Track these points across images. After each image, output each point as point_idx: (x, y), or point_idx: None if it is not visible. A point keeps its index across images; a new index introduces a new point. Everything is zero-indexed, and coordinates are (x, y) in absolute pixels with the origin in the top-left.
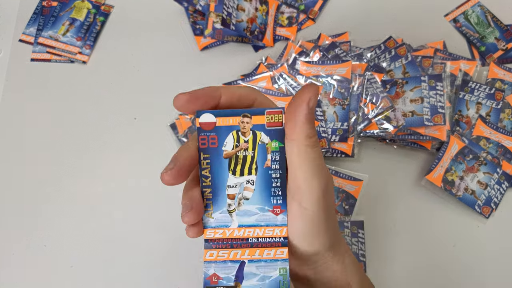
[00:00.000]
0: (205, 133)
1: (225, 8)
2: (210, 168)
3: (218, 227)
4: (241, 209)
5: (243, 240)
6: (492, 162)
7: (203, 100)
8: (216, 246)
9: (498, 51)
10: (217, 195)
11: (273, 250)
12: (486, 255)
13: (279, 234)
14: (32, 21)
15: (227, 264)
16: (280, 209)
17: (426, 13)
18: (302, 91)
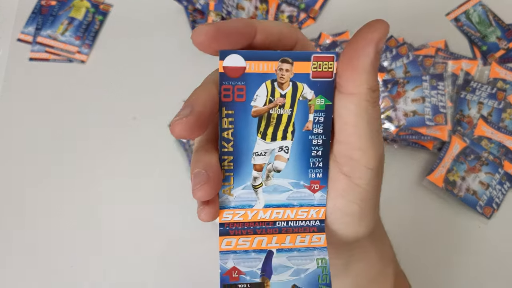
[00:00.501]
0: (230, 81)
1: (224, 7)
2: (233, 129)
3: (238, 207)
4: (269, 184)
5: (269, 224)
6: (494, 162)
7: (233, 38)
8: (235, 232)
9: (500, 50)
10: (240, 165)
11: (308, 236)
12: (488, 255)
13: (315, 217)
14: (31, 20)
15: (250, 254)
16: (319, 184)
17: (427, 12)
18: (368, 28)
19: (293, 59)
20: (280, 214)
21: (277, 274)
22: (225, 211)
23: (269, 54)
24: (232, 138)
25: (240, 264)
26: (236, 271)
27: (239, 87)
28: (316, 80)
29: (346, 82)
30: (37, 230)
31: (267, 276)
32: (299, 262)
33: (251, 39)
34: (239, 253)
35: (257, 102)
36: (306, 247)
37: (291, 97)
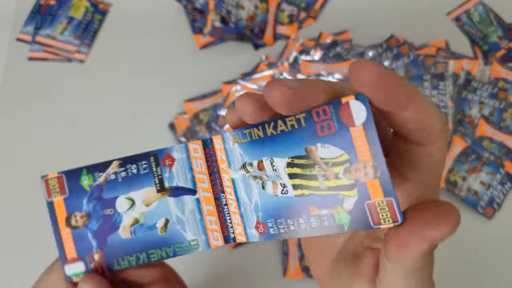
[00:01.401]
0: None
1: (224, 6)
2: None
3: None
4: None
5: (213, 191)
6: (495, 162)
7: (308, 102)
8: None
9: (501, 50)
10: None
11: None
12: (489, 256)
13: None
14: (30, 20)
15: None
16: None
17: (428, 12)
18: (426, 222)
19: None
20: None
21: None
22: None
23: None
24: None
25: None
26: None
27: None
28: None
29: (393, 253)
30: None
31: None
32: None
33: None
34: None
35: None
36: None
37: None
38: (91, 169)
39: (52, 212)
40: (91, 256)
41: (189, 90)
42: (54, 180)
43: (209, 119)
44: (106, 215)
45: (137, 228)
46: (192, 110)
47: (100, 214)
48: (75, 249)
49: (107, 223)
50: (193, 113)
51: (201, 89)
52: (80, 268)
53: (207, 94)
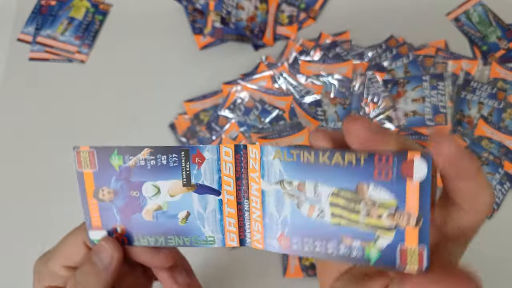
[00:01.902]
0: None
1: (224, 7)
2: None
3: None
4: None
5: (237, 196)
6: (494, 162)
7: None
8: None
9: (500, 50)
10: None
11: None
12: (488, 255)
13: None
14: (31, 20)
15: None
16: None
17: (427, 12)
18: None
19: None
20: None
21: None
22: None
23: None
24: None
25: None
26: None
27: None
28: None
29: None
30: (37, 230)
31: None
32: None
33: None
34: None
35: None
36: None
37: None
38: (122, 151)
39: (81, 182)
40: (115, 228)
41: (189, 91)
42: (86, 153)
43: (209, 119)
44: (132, 196)
45: (160, 214)
46: (193, 110)
47: (127, 194)
48: (100, 219)
49: (132, 203)
50: (194, 113)
51: (202, 89)
52: (103, 235)
53: (208, 94)
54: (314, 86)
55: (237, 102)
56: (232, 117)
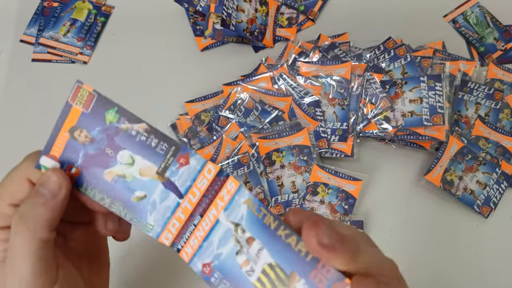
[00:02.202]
0: None
1: (224, 9)
2: None
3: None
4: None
5: (193, 213)
6: (491, 162)
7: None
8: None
9: (497, 51)
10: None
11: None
12: (485, 255)
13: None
14: (33, 22)
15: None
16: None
17: (425, 14)
18: None
19: None
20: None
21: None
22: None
23: None
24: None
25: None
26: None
27: None
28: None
29: None
30: None
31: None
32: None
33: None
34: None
35: None
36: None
37: None
38: (122, 112)
39: (65, 113)
40: (70, 167)
41: (190, 91)
42: (86, 92)
43: (210, 120)
44: (105, 152)
45: (120, 181)
46: (194, 111)
47: (101, 148)
48: (61, 152)
49: (101, 158)
50: (194, 113)
51: (202, 90)
52: (53, 165)
53: (208, 95)
54: (313, 87)
55: (237, 102)
56: (233, 117)
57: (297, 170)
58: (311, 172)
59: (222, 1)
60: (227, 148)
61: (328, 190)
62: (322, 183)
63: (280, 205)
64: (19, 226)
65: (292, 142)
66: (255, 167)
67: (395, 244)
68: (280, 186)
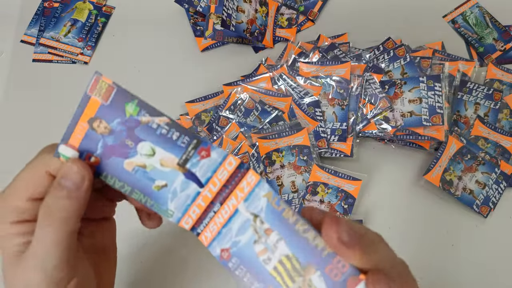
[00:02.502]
0: None
1: (224, 10)
2: None
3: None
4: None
5: (215, 197)
6: (491, 162)
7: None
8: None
9: (497, 51)
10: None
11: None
12: (485, 254)
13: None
14: (34, 22)
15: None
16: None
17: (424, 14)
18: None
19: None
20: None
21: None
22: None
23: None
24: None
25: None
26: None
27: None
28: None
29: None
30: None
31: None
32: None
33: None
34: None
35: None
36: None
37: None
38: (142, 104)
39: (83, 104)
40: (89, 156)
41: (190, 92)
42: (105, 85)
43: (210, 120)
44: (124, 143)
45: (140, 171)
46: (194, 111)
47: (121, 139)
48: (80, 142)
49: (120, 149)
50: (195, 114)
51: (203, 90)
52: (72, 154)
53: (208, 95)
54: (313, 87)
55: (237, 103)
56: (233, 117)
57: (297, 170)
58: (310, 172)
59: (222, 2)
60: (227, 148)
61: (328, 190)
62: (321, 183)
63: None
64: (46, 218)
65: (292, 142)
66: (255, 167)
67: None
68: (280, 186)
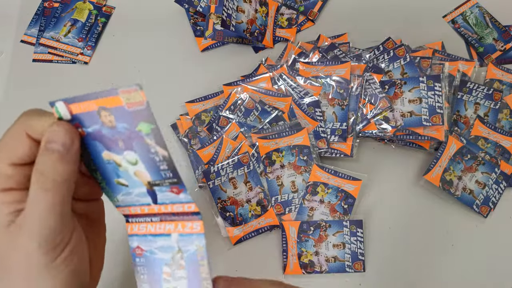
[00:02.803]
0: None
1: (224, 10)
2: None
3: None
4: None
5: (159, 213)
6: (490, 162)
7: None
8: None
9: (496, 51)
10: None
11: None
12: (485, 254)
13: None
14: (34, 22)
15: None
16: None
17: (424, 14)
18: None
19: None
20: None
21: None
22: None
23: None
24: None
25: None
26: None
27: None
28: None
29: None
30: None
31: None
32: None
33: None
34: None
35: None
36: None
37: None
38: (155, 132)
39: (107, 94)
40: (77, 126)
41: (190, 92)
42: (139, 97)
43: (210, 120)
44: (116, 141)
45: (113, 165)
46: (194, 111)
47: (116, 137)
48: (79, 112)
49: (109, 141)
50: (195, 114)
51: (203, 90)
52: (64, 114)
53: (209, 95)
54: (313, 88)
55: (237, 103)
56: (233, 117)
57: (297, 170)
58: (310, 172)
59: (222, 2)
60: (227, 148)
61: (328, 190)
62: (321, 183)
63: (280, 205)
64: (41, 182)
65: (292, 142)
66: (255, 167)
67: (394, 244)
68: (280, 185)
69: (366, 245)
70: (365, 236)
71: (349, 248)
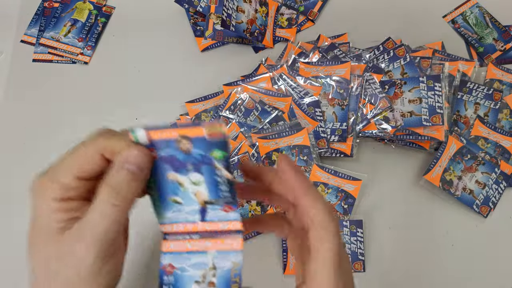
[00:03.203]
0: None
1: (224, 10)
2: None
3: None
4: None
5: (201, 231)
6: (490, 162)
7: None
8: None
9: (496, 51)
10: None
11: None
12: (485, 254)
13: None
14: (34, 22)
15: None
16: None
17: (424, 14)
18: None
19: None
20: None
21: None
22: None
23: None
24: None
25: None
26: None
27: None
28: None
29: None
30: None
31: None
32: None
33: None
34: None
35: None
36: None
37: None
38: (226, 159)
39: (191, 126)
40: (152, 150)
41: (190, 92)
42: (219, 129)
43: (210, 120)
44: (185, 165)
45: (175, 185)
46: (194, 111)
47: (187, 161)
48: (157, 139)
49: (178, 164)
50: (195, 114)
51: (203, 90)
52: (143, 141)
53: (209, 95)
54: (313, 87)
55: (237, 103)
56: (233, 117)
57: None
58: (310, 172)
59: (222, 2)
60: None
61: (328, 190)
62: (321, 183)
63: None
64: (111, 197)
65: (292, 142)
66: None
67: (394, 244)
68: None
69: (366, 245)
70: (365, 236)
71: (349, 248)
